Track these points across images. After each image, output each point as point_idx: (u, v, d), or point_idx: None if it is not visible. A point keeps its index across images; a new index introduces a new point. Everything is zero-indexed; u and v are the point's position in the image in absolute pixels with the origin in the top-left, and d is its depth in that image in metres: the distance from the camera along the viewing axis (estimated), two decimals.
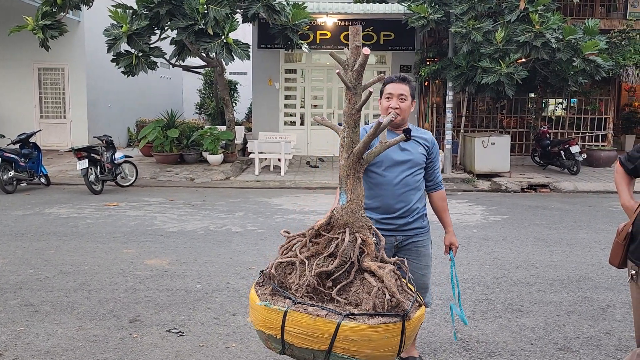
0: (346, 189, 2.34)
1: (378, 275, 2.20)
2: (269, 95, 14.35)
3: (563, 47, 10.27)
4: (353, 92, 2.29)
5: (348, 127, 2.31)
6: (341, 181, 2.35)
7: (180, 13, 9.05)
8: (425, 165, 2.97)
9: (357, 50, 2.28)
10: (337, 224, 2.33)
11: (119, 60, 9.72)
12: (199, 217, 7.60)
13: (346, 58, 2.30)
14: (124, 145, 16.56)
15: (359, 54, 2.28)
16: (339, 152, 2.36)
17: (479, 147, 11.78)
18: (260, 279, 2.37)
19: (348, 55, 2.30)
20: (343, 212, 2.33)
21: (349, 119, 2.30)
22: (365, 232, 2.35)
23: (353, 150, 2.32)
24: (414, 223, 2.93)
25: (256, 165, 11.98)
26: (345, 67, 2.28)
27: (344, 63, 2.27)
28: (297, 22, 10.21)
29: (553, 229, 7.17)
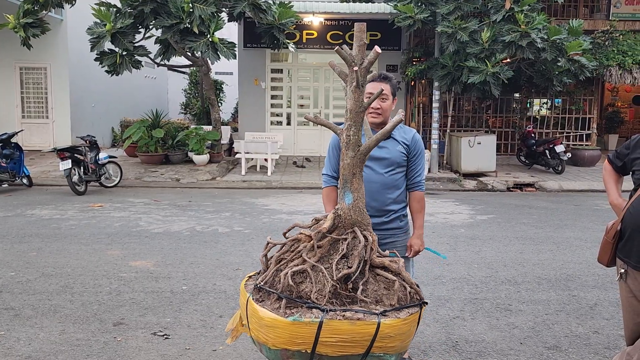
0: (352, 187, 2.29)
1: (392, 269, 2.24)
2: (255, 95, 14.27)
3: (548, 47, 10.35)
4: (360, 90, 2.24)
5: (355, 126, 2.25)
6: (346, 180, 2.29)
7: (165, 11, 8.94)
8: (407, 164, 2.94)
9: (363, 47, 2.24)
10: (343, 224, 2.29)
11: (103, 59, 9.57)
12: (185, 218, 7.51)
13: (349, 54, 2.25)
14: (109, 146, 16.36)
15: (364, 51, 2.24)
16: (343, 151, 2.29)
17: (466, 147, 11.82)
18: (257, 294, 2.21)
19: (352, 52, 2.25)
20: (351, 212, 2.29)
21: (355, 117, 2.25)
22: (370, 229, 2.33)
23: (360, 149, 2.28)
24: (390, 223, 2.90)
25: (242, 165, 11.89)
26: (350, 64, 2.23)
27: (349, 60, 2.22)
28: (284, 21, 10.15)
29: (539, 227, 7.21)
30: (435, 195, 10.12)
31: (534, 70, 11.60)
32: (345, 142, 2.27)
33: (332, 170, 2.92)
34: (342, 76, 2.30)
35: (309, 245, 2.24)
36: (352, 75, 2.23)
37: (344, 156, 2.28)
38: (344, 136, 2.28)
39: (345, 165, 2.29)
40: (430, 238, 6.37)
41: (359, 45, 2.23)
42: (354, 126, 2.26)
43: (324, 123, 2.35)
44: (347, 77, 2.27)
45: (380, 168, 2.84)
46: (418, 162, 2.98)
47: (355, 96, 2.24)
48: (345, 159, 2.28)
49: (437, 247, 5.97)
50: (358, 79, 2.21)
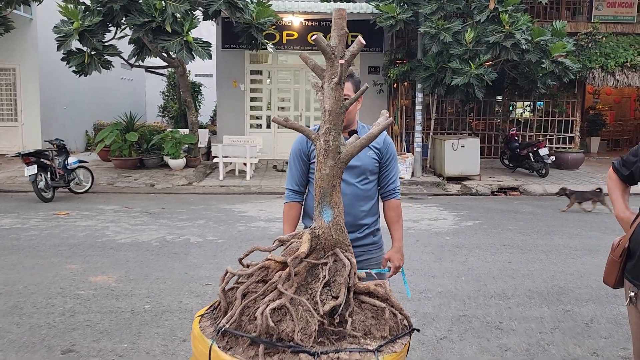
0: (332, 202, 1.93)
1: (379, 295, 1.93)
2: (234, 97, 13.86)
3: (532, 48, 10.14)
4: (341, 86, 1.89)
5: (335, 129, 1.90)
6: (324, 194, 1.92)
7: (136, 9, 8.51)
8: (379, 171, 2.62)
9: (343, 37, 1.89)
10: (322, 246, 1.93)
11: (70, 59, 9.09)
12: (155, 227, 7.09)
13: (327, 44, 1.90)
14: (82, 149, 15.81)
15: (345, 42, 1.89)
16: (320, 159, 1.91)
17: (449, 150, 11.57)
18: (222, 340, 1.77)
19: (332, 42, 1.90)
20: (332, 231, 1.92)
21: (336, 119, 1.89)
22: (351, 249, 1.99)
23: (341, 156, 1.92)
24: (364, 239, 2.58)
25: (220, 170, 11.48)
26: (330, 57, 1.88)
27: (329, 51, 1.87)
28: (262, 20, 9.78)
29: (527, 234, 6.94)
30: (418, 200, 9.83)
31: (517, 72, 11.40)
32: (323, 148, 1.91)
33: (296, 183, 2.58)
34: (318, 71, 1.94)
35: (283, 274, 1.86)
36: (333, 69, 1.88)
37: (322, 165, 1.92)
38: (321, 142, 1.92)
39: (324, 176, 1.92)
40: (414, 247, 6.06)
41: (339, 34, 1.88)
42: (334, 130, 1.91)
43: (294, 126, 1.98)
44: (324, 73, 1.92)
45: (351, 177, 2.51)
46: (392, 167, 2.66)
47: (336, 94, 1.89)
48: (323, 169, 1.92)
49: (422, 258, 5.66)
50: (341, 74, 1.87)
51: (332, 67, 1.88)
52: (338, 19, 1.88)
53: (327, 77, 1.90)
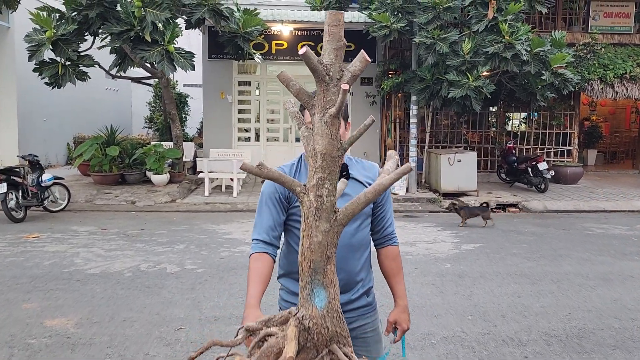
0: (326, 281, 1.39)
1: None
2: (221, 109, 13.32)
3: (531, 59, 9.72)
4: (339, 119, 1.37)
5: (330, 180, 1.37)
6: (315, 270, 1.38)
7: (114, 17, 7.97)
8: (373, 212, 2.11)
9: (341, 51, 1.35)
10: (314, 343, 1.38)
11: (43, 70, 8.52)
12: (131, 253, 6.51)
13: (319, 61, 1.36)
14: (63, 163, 15.18)
15: (342, 58, 1.36)
16: (308, 222, 1.37)
17: (445, 165, 11.09)
18: None
19: (324, 58, 1.36)
20: (327, 321, 1.38)
21: (331, 166, 1.36)
22: (350, 340, 1.45)
23: (338, 217, 1.39)
24: (357, 301, 2.08)
25: (206, 186, 10.92)
26: (324, 79, 1.35)
27: (321, 72, 1.34)
28: (249, 29, 9.27)
29: (533, 260, 6.43)
30: (414, 218, 9.32)
31: (515, 84, 10.97)
32: (314, 207, 1.36)
33: (267, 232, 1.99)
34: (304, 98, 1.41)
35: None
36: (327, 96, 1.35)
37: (312, 230, 1.37)
38: (310, 197, 1.37)
39: (315, 246, 1.37)
40: (413, 277, 5.53)
41: (335, 47, 1.35)
42: (329, 180, 1.37)
43: (271, 177, 1.41)
44: (314, 100, 1.39)
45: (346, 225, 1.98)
46: (387, 207, 2.16)
47: (332, 131, 1.36)
48: (314, 235, 1.37)
49: (422, 291, 5.13)
50: (341, 102, 1.34)
51: (326, 92, 1.35)
52: (333, 25, 1.34)
53: (318, 106, 1.37)
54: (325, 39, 1.35)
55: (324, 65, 1.34)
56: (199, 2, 8.36)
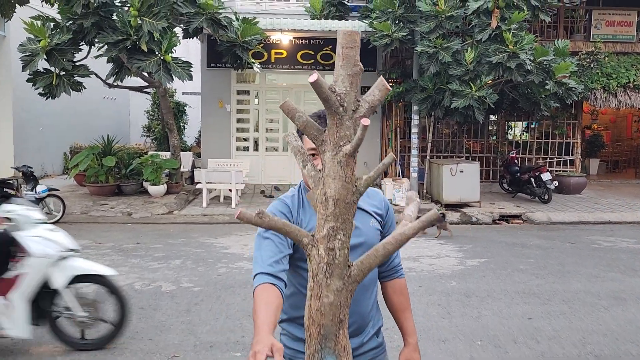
0: (338, 347, 1.18)
1: None
2: (220, 118, 13.14)
3: (535, 69, 9.56)
4: (354, 159, 1.18)
5: (343, 231, 1.17)
6: (325, 336, 1.17)
7: (110, 26, 7.80)
8: (381, 234, 1.91)
9: (357, 77, 1.16)
10: None
11: (37, 80, 8.33)
12: (125, 269, 6.29)
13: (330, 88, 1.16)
14: (59, 173, 14.98)
15: (358, 85, 1.16)
16: (318, 280, 1.17)
17: (447, 175, 10.90)
18: None
19: (336, 84, 1.17)
20: None
21: (345, 214, 1.17)
22: None
23: (352, 272, 1.20)
24: (368, 343, 1.89)
25: (204, 197, 10.71)
26: (337, 111, 1.15)
27: (335, 102, 1.14)
28: (247, 38, 9.10)
29: (541, 277, 6.23)
30: None
31: (518, 94, 10.80)
32: (325, 262, 1.17)
33: (270, 264, 1.69)
34: (312, 132, 1.20)
35: None
36: (341, 131, 1.16)
37: (322, 290, 1.17)
38: (320, 252, 1.17)
39: (326, 308, 1.16)
40: (418, 296, 5.32)
41: (351, 73, 1.15)
42: (343, 231, 1.18)
43: (274, 227, 1.18)
44: (325, 135, 1.20)
45: (356, 258, 1.78)
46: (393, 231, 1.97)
47: (347, 173, 1.17)
48: (323, 296, 1.17)
49: (428, 312, 4.92)
50: (360, 139, 1.14)
51: (339, 126, 1.16)
52: (348, 47, 1.14)
53: (330, 142, 1.17)
54: (339, 63, 1.16)
55: (336, 94, 1.15)
56: (196, 11, 8.20)
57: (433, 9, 9.30)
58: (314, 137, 1.20)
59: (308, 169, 1.25)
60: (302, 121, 1.19)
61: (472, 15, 9.54)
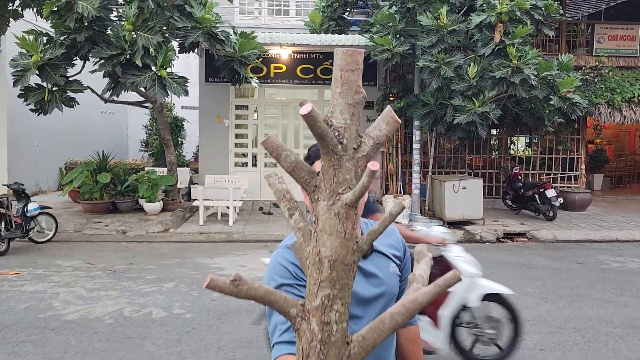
0: None
1: None
2: (218, 133, 12.93)
3: (539, 84, 9.35)
4: (355, 210, 0.94)
5: (341, 300, 0.93)
6: None
7: (104, 41, 7.60)
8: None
9: (359, 106, 0.93)
10: None
11: (28, 96, 8.11)
12: (115, 293, 6.02)
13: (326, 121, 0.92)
14: (54, 189, 14.72)
15: (359, 116, 0.93)
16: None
17: (450, 192, 10.64)
18: None
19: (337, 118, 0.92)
20: None
21: (344, 278, 0.94)
22: None
23: (351, 349, 0.95)
24: None
25: (200, 214, 10.45)
26: (335, 150, 0.91)
27: (333, 139, 0.90)
28: (245, 53, 8.90)
29: (550, 302, 5.95)
30: None
31: (521, 109, 10.58)
32: (318, 340, 0.92)
33: (289, 330, 1.39)
34: (301, 175, 0.96)
35: None
36: (339, 174, 0.92)
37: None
38: (312, 327, 0.92)
39: None
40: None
41: (352, 102, 0.92)
42: (340, 300, 0.92)
43: (252, 294, 0.92)
44: (319, 179, 0.95)
45: (376, 311, 1.52)
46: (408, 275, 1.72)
47: (347, 227, 0.92)
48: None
49: None
50: (363, 189, 0.90)
51: (337, 169, 0.91)
52: (349, 70, 0.91)
53: (326, 189, 0.92)
54: (336, 89, 0.92)
55: (334, 128, 0.90)
56: (193, 25, 8.01)
57: (435, 23, 9.12)
58: (305, 182, 0.95)
59: (295, 219, 1.00)
60: (289, 162, 0.95)
61: (475, 30, 9.36)
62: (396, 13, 9.71)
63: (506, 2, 8.61)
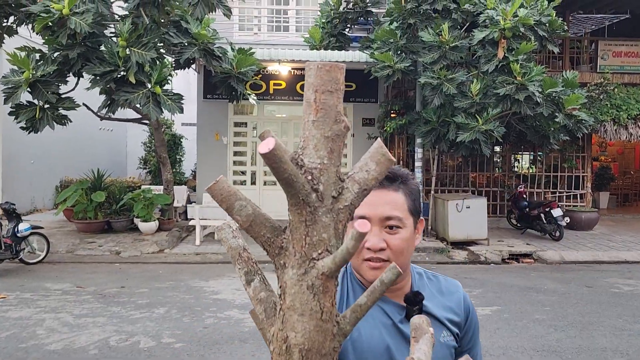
0: None
1: None
2: (216, 151, 12.71)
3: (543, 101, 9.13)
4: (333, 279, 0.70)
5: None
6: None
7: (97, 57, 7.42)
8: (456, 352, 1.32)
9: (338, 140, 0.70)
10: None
11: (19, 114, 7.91)
12: (103, 320, 5.73)
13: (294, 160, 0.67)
14: (50, 207, 14.47)
15: (339, 153, 0.70)
16: None
17: (453, 211, 10.37)
18: None
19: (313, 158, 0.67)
20: None
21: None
22: None
23: None
24: None
25: (197, 234, 10.18)
26: (307, 200, 0.67)
27: (302, 187, 0.66)
28: (243, 69, 8.70)
29: (560, 329, 5.64)
30: None
31: (526, 126, 10.35)
32: None
33: None
34: (262, 234, 0.72)
35: None
36: (312, 232, 0.69)
37: None
38: None
39: None
40: None
41: (331, 135, 0.70)
42: None
43: None
44: (281, 240, 0.71)
45: None
46: (476, 343, 1.39)
47: (322, 305, 0.70)
48: None
49: None
50: (345, 253, 0.66)
51: (311, 225, 0.67)
52: (327, 91, 0.70)
53: (295, 252, 0.68)
54: (310, 116, 0.68)
55: (306, 170, 0.65)
56: (189, 41, 7.83)
57: (436, 40, 8.94)
58: (266, 242, 0.70)
59: (254, 287, 0.75)
60: (244, 215, 0.69)
61: (477, 46, 9.16)
62: (397, 29, 9.54)
63: (509, 18, 8.42)
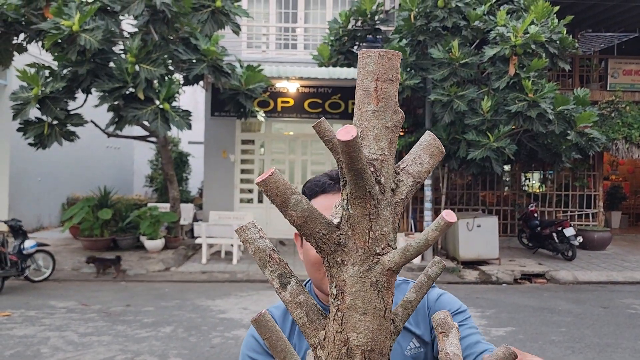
0: None
1: None
2: (223, 168, 12.65)
3: (555, 118, 9.03)
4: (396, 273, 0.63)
5: None
6: None
7: (106, 73, 7.41)
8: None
9: (396, 130, 0.68)
10: None
11: (27, 130, 7.89)
12: (108, 338, 5.60)
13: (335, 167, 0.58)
14: (56, 225, 14.42)
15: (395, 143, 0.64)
16: None
17: (464, 230, 10.21)
18: None
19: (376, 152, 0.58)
20: None
21: None
22: None
23: None
24: None
25: (203, 252, 10.06)
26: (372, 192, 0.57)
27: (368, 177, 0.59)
28: (252, 86, 8.68)
29: (577, 352, 5.45)
30: None
31: (537, 144, 10.23)
32: None
33: None
34: (318, 230, 0.63)
35: None
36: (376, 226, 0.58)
37: None
38: None
39: None
40: None
41: (390, 125, 0.67)
42: None
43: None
44: (337, 235, 0.61)
45: None
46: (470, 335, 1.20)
47: (386, 303, 0.63)
48: None
49: None
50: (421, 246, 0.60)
51: (375, 219, 0.63)
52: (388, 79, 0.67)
53: (356, 248, 0.64)
54: (368, 106, 0.63)
55: (368, 162, 0.56)
56: (198, 58, 7.82)
57: (446, 56, 8.89)
58: (321, 239, 0.60)
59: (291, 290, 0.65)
60: (300, 211, 0.60)
61: (487, 63, 9.11)
62: (406, 46, 9.51)
63: (520, 35, 8.37)
